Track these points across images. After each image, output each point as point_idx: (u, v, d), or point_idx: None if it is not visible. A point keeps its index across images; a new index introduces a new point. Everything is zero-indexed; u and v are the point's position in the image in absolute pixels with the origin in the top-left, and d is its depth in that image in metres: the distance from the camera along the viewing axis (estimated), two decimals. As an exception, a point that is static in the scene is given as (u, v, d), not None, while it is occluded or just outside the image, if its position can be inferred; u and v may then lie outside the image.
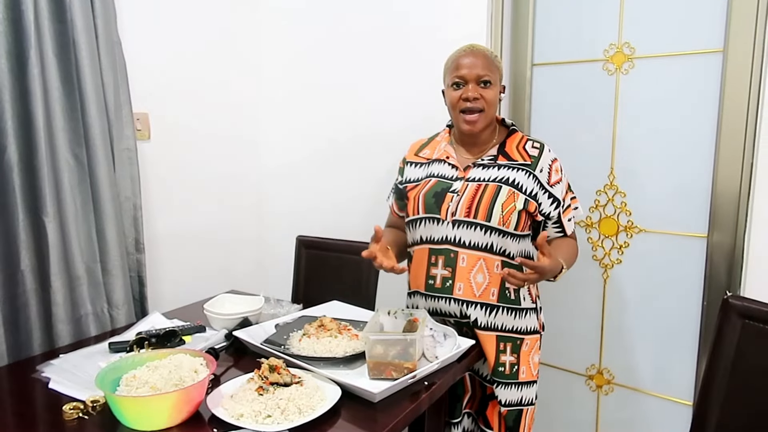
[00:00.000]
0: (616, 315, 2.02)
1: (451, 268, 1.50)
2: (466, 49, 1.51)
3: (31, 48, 1.56)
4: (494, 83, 1.49)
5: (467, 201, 1.48)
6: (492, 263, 1.49)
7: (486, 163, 1.53)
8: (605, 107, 1.93)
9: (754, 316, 1.28)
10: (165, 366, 1.20)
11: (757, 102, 1.62)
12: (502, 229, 1.47)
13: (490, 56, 1.50)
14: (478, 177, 1.52)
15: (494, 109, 1.51)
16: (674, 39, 1.79)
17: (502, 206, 1.46)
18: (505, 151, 1.54)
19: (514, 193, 1.47)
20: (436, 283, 1.52)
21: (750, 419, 1.27)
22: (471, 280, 1.49)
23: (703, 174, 1.78)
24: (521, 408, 1.56)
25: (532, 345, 1.57)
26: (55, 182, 1.65)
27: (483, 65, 1.47)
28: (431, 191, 1.54)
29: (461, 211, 1.48)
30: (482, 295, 1.49)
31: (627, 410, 2.05)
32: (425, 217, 1.54)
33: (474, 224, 1.47)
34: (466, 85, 1.48)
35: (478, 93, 1.47)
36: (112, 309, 1.80)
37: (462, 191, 1.50)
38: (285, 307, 1.83)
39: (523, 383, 1.55)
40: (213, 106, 2.33)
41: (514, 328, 1.53)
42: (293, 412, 1.11)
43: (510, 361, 1.53)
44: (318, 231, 2.23)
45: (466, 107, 1.48)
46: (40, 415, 1.21)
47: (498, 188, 1.48)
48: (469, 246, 1.48)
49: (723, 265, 1.76)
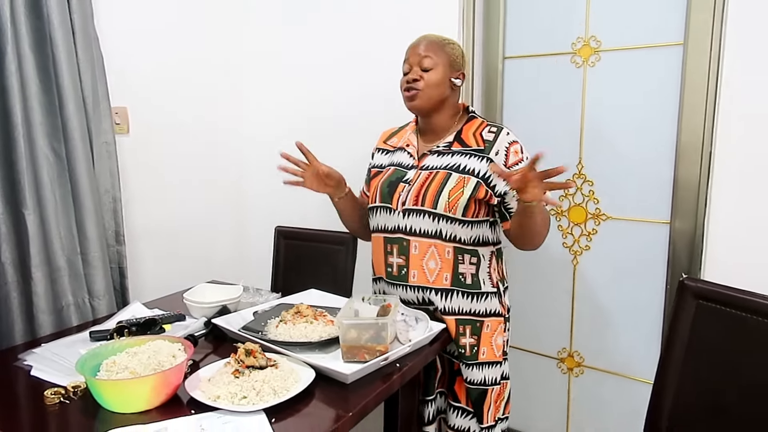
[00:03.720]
0: (586, 300, 2.09)
1: (404, 256, 1.57)
2: (418, 38, 1.60)
3: (7, 44, 1.58)
4: (437, 65, 1.54)
5: (416, 189, 1.54)
6: (443, 249, 1.54)
7: (441, 150, 1.58)
8: (573, 99, 1.99)
9: (708, 297, 1.35)
10: (144, 351, 1.24)
11: (715, 93, 1.68)
12: (449, 215, 1.51)
13: (440, 43, 1.56)
14: (431, 165, 1.57)
15: (437, 90, 1.55)
16: (638, 32, 1.85)
17: (449, 193, 1.51)
18: (461, 138, 1.58)
19: (464, 179, 1.51)
20: (393, 271, 1.60)
21: (704, 394, 1.34)
22: (424, 267, 1.55)
23: (666, 163, 1.85)
24: (486, 387, 1.61)
25: (494, 327, 1.61)
26: (35, 176, 1.68)
27: (426, 49, 1.55)
28: (387, 180, 1.62)
29: (410, 200, 1.55)
30: (435, 280, 1.55)
31: (597, 391, 2.12)
32: (379, 206, 1.62)
33: (422, 212, 1.53)
34: (411, 69, 1.57)
35: (419, 74, 1.54)
36: (93, 299, 1.84)
37: (414, 180, 1.57)
38: (264, 296, 1.87)
39: (485, 363, 1.60)
40: (192, 99, 2.36)
41: (472, 311, 1.57)
42: (268, 393, 1.16)
43: (470, 342, 1.57)
44: (297, 221, 2.27)
45: (406, 86, 1.56)
46: (22, 401, 1.24)
47: (447, 175, 1.53)
48: (420, 234, 1.54)
49: (684, 250, 1.84)
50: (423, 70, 1.54)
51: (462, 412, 1.64)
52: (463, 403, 1.64)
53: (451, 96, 1.59)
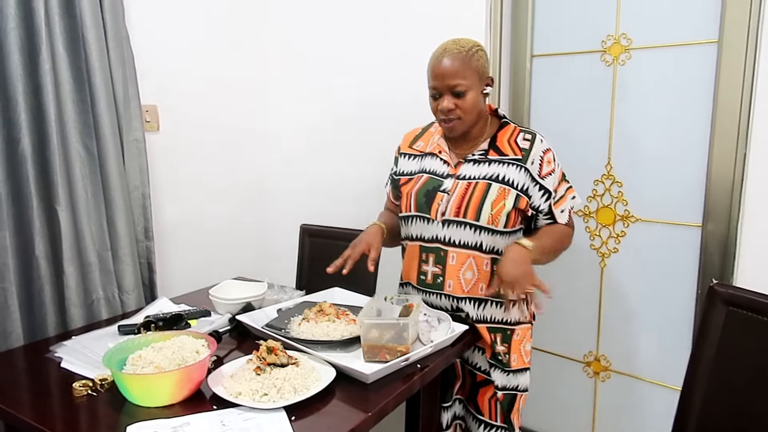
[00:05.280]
0: (613, 303, 2.06)
1: (441, 265, 1.54)
2: (439, 54, 1.46)
3: (42, 43, 1.62)
4: (470, 88, 1.44)
5: (457, 200, 1.51)
6: (482, 261, 1.52)
7: (477, 159, 1.53)
8: (603, 98, 1.96)
9: (738, 303, 1.31)
10: (169, 347, 1.26)
11: (751, 93, 1.64)
12: (492, 228, 1.49)
13: (464, 57, 1.43)
14: (468, 174, 1.53)
15: (473, 113, 1.49)
16: (670, 30, 1.80)
17: (492, 205, 1.48)
18: (496, 146, 1.53)
19: (505, 190, 1.49)
20: (428, 279, 1.58)
21: (733, 402, 1.31)
22: (460, 278, 1.53)
23: (698, 164, 1.80)
24: (515, 393, 1.60)
25: (522, 335, 1.61)
26: (67, 173, 1.73)
27: (455, 73, 1.43)
28: (422, 189, 1.57)
29: (451, 211, 1.51)
30: (471, 290, 1.53)
31: (623, 396, 2.09)
32: (416, 215, 1.58)
33: (463, 223, 1.50)
34: (441, 96, 1.47)
35: (453, 103, 1.45)
36: (122, 294, 1.88)
37: (452, 190, 1.52)
38: (288, 294, 1.89)
39: (515, 371, 1.59)
40: (221, 97, 2.39)
41: (504, 320, 1.57)
42: (288, 391, 1.17)
43: (501, 350, 1.57)
44: (321, 219, 2.28)
45: (442, 118, 1.49)
46: (52, 392, 1.28)
47: (488, 186, 1.49)
48: (459, 245, 1.52)
49: (717, 254, 1.79)
50: (455, 95, 1.45)
51: (486, 426, 1.62)
52: (487, 417, 1.62)
53: (483, 105, 1.54)
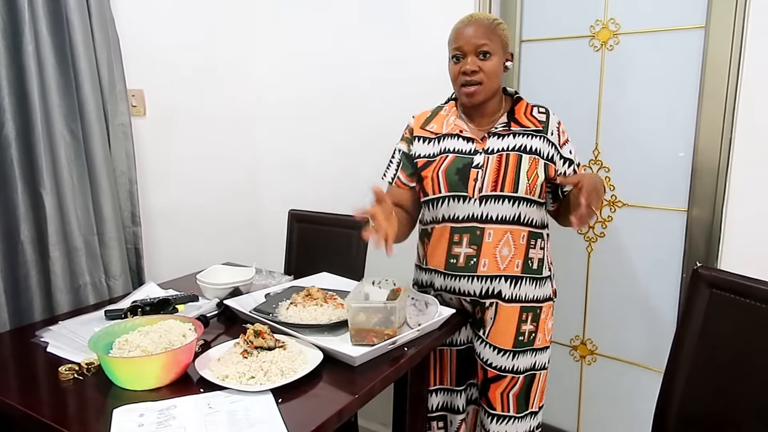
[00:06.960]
0: (600, 287, 2.07)
1: (476, 245, 1.50)
2: (465, 20, 1.47)
3: (25, 25, 1.60)
4: (494, 53, 1.45)
5: (492, 174, 1.48)
6: (519, 235, 1.51)
7: (500, 132, 1.52)
8: (591, 83, 1.96)
9: (721, 286, 1.33)
10: (155, 331, 1.27)
11: (737, 78, 1.64)
12: (530, 198, 1.49)
13: (490, 25, 1.45)
14: (496, 148, 1.50)
15: (496, 80, 1.48)
16: (658, 15, 1.80)
17: (527, 174, 1.48)
18: (515, 118, 1.53)
19: (536, 160, 1.49)
20: (459, 262, 1.53)
21: (715, 383, 1.33)
22: (497, 255, 1.50)
23: (684, 149, 1.81)
24: (534, 372, 1.60)
25: (547, 312, 1.61)
26: (52, 157, 1.71)
27: (481, 34, 1.43)
28: (452, 167, 1.52)
29: (488, 186, 1.48)
30: (507, 267, 1.51)
31: (609, 380, 2.11)
32: (449, 196, 1.52)
33: (501, 197, 1.48)
34: (465, 57, 1.45)
35: (477, 65, 1.44)
36: (109, 279, 1.87)
37: (485, 165, 1.49)
38: (276, 279, 1.89)
39: (538, 349, 1.59)
40: (208, 82, 2.37)
41: (535, 297, 1.56)
42: (275, 374, 1.18)
43: (529, 329, 1.57)
44: (310, 205, 2.28)
45: (465, 80, 1.46)
46: (38, 376, 1.28)
47: (519, 157, 1.49)
48: (497, 220, 1.49)
49: (701, 239, 1.80)
50: (479, 57, 1.44)
51: (500, 419, 1.62)
52: (499, 410, 1.61)
53: (501, 79, 1.52)
